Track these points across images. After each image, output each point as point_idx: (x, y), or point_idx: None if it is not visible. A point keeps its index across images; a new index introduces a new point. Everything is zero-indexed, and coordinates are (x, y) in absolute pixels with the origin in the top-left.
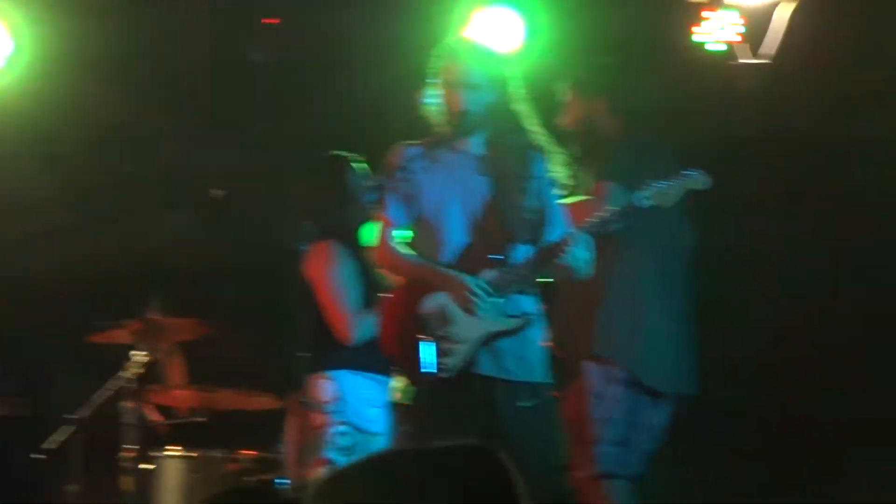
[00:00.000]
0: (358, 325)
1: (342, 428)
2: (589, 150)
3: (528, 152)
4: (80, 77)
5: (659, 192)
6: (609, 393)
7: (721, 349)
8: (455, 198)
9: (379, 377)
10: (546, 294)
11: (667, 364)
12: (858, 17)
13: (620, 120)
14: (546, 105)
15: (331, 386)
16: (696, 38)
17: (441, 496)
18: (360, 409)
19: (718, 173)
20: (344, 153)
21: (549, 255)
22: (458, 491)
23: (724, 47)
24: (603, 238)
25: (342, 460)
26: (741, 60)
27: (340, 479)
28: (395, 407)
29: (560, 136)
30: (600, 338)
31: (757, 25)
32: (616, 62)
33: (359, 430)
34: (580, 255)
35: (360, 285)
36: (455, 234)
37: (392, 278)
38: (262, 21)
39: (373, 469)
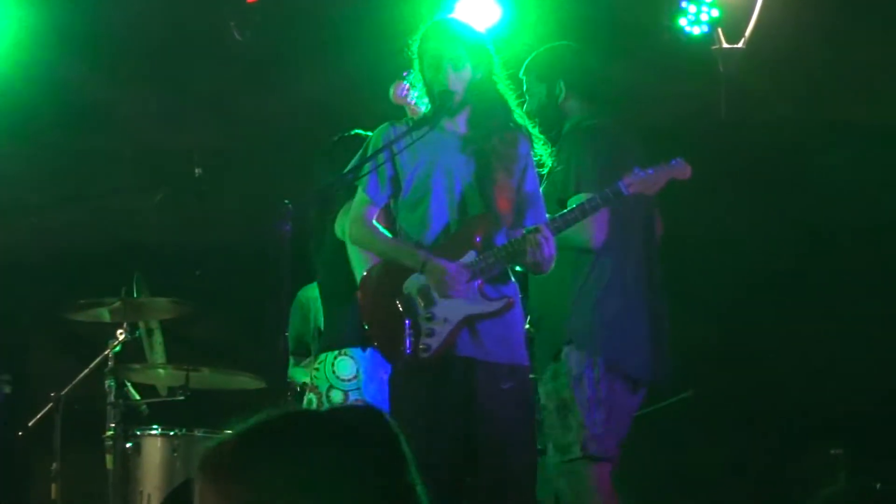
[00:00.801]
0: None
1: None
2: (551, 132)
3: (511, 133)
4: (57, 54)
5: (642, 181)
6: (586, 377)
7: (694, 333)
8: (438, 178)
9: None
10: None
11: (642, 350)
12: (833, 2)
13: (580, 101)
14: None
15: (350, 364)
16: (676, 21)
17: (329, 458)
18: (376, 387)
19: (695, 159)
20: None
21: (523, 246)
22: (346, 452)
23: (703, 31)
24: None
25: None
26: (722, 45)
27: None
28: None
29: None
30: (577, 323)
31: (737, 10)
32: (573, 44)
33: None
34: (545, 254)
35: None
36: (437, 215)
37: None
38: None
39: (260, 433)
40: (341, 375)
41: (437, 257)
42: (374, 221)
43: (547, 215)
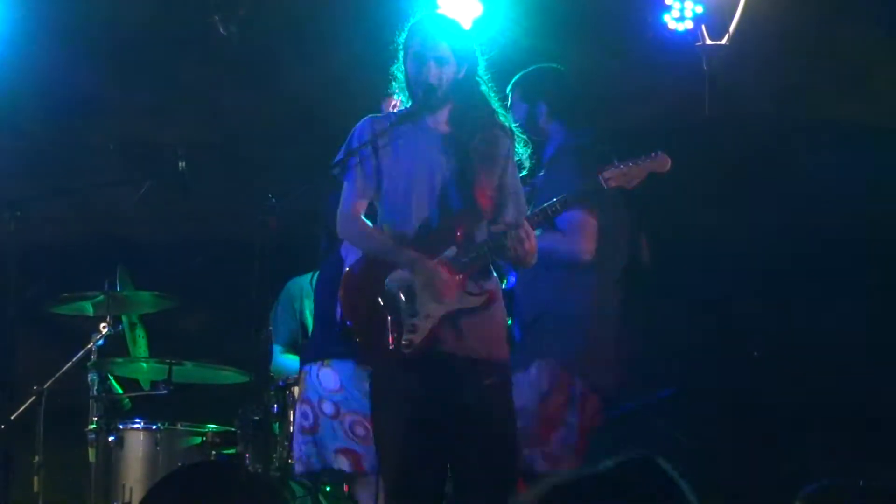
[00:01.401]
0: None
1: (352, 418)
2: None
3: (493, 131)
4: (43, 47)
5: (621, 173)
6: (555, 396)
7: (678, 329)
8: (419, 173)
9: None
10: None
11: (618, 371)
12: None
13: (561, 123)
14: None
15: (333, 375)
16: (660, 17)
17: None
18: (360, 398)
19: (678, 154)
20: None
21: (503, 242)
22: None
23: (687, 28)
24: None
25: (362, 450)
26: (706, 42)
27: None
28: None
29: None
30: (558, 342)
31: (721, 7)
32: (558, 66)
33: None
34: (526, 248)
35: None
36: (419, 210)
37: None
38: None
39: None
40: (327, 387)
41: (426, 259)
42: (362, 216)
43: (527, 210)
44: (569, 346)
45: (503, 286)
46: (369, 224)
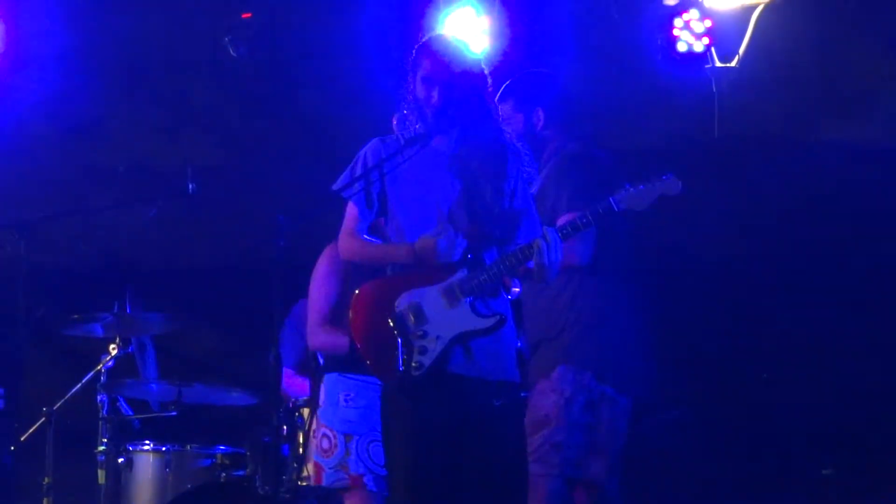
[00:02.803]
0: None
1: (323, 430)
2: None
3: (501, 151)
4: (51, 68)
5: (632, 196)
6: (579, 400)
7: (686, 349)
8: (427, 196)
9: (364, 377)
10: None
11: (643, 370)
12: (827, 22)
13: (559, 128)
14: None
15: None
16: (669, 41)
17: None
18: (331, 410)
19: (688, 175)
20: None
21: (520, 258)
22: None
23: (697, 51)
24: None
25: (323, 462)
26: (714, 64)
27: None
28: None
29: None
30: (578, 346)
31: (730, 29)
32: (548, 71)
33: (333, 430)
34: (552, 258)
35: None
36: (425, 233)
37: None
38: (242, 16)
39: None
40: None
41: (423, 239)
42: (364, 236)
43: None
44: (589, 351)
45: (509, 297)
46: (368, 237)
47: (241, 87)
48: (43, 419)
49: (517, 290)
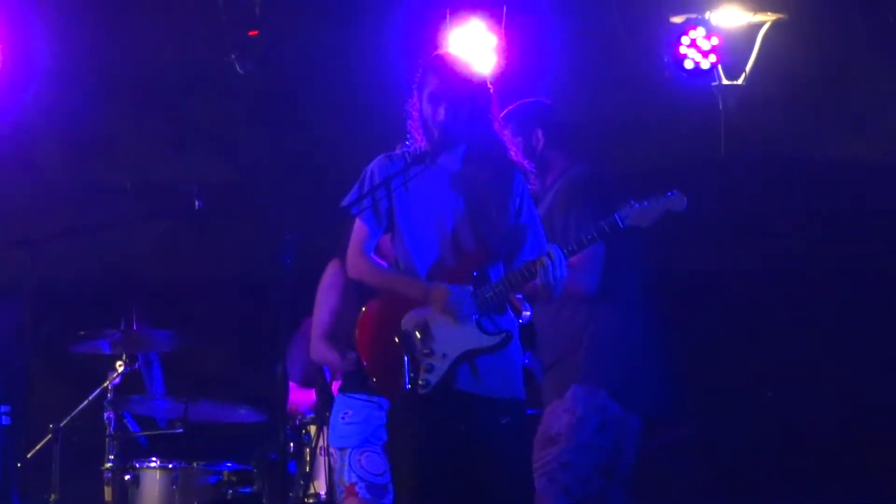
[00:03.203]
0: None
1: (330, 450)
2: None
3: (506, 168)
4: (60, 87)
5: (638, 213)
6: (592, 419)
7: (692, 369)
8: (432, 213)
9: (357, 395)
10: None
11: (650, 388)
12: (833, 39)
13: (559, 151)
14: None
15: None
16: (676, 58)
17: None
18: (333, 430)
19: (694, 193)
20: None
21: (525, 275)
22: None
23: (703, 68)
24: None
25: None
26: (721, 82)
27: None
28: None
29: None
30: (590, 366)
31: (736, 47)
32: (545, 100)
33: (333, 448)
34: (557, 275)
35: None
36: (432, 250)
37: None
38: (248, 34)
39: None
40: None
41: (435, 286)
42: (373, 254)
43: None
44: (604, 370)
45: (519, 321)
46: (379, 260)
47: (247, 105)
48: (50, 436)
49: (528, 313)
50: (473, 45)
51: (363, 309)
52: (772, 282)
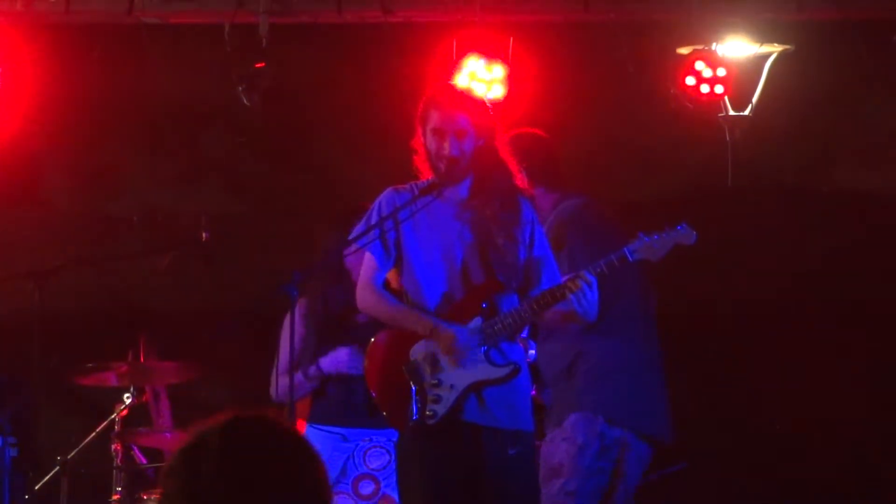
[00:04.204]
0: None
1: None
2: None
3: (514, 198)
4: (67, 119)
5: (647, 246)
6: (592, 446)
7: (696, 400)
8: (441, 245)
9: (321, 426)
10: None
11: (658, 411)
12: (840, 70)
13: (545, 187)
14: None
15: None
16: (683, 89)
17: None
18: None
19: (701, 226)
20: None
21: (552, 299)
22: None
23: (710, 99)
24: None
25: None
26: (728, 113)
27: None
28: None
29: None
30: (584, 390)
31: (743, 78)
32: (535, 132)
33: None
34: (589, 298)
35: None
36: (440, 283)
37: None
38: (255, 66)
39: None
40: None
41: (445, 323)
42: (381, 287)
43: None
44: (600, 395)
45: (526, 359)
46: (387, 294)
47: (255, 137)
48: (57, 468)
49: (533, 352)
50: (480, 76)
51: (372, 340)
52: (780, 313)
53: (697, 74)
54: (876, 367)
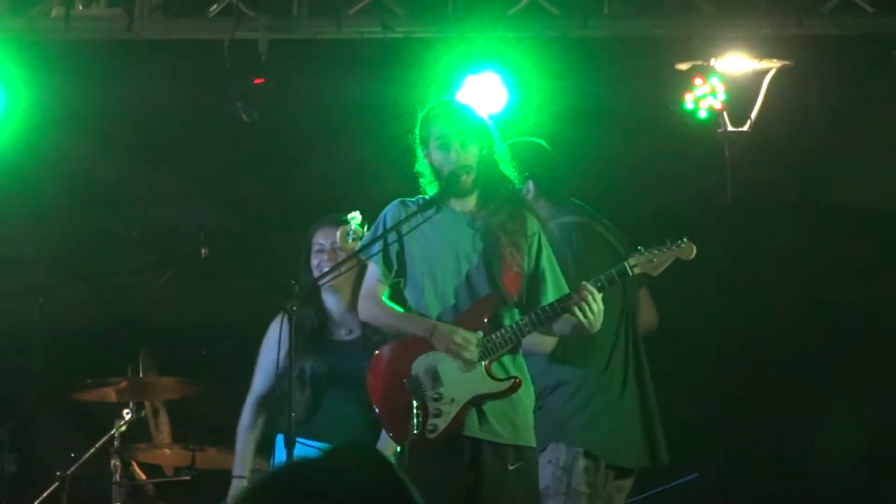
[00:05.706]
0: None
1: None
2: None
3: (519, 210)
4: (65, 135)
5: (647, 260)
6: (570, 470)
7: (696, 415)
8: (445, 258)
9: (315, 443)
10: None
11: (628, 438)
12: (839, 85)
13: (547, 201)
14: None
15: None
16: (682, 105)
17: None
18: None
19: (700, 243)
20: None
21: (553, 313)
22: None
23: (709, 115)
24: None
25: None
26: (727, 129)
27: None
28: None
29: None
30: (559, 421)
31: (742, 94)
32: (541, 142)
33: None
34: (593, 309)
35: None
36: (444, 296)
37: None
38: (254, 81)
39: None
40: None
41: (443, 323)
42: (384, 298)
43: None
44: (580, 431)
45: None
46: (388, 303)
47: (254, 152)
48: (56, 483)
49: None
50: (480, 91)
51: (375, 352)
52: (779, 328)
53: (696, 90)
54: (881, 372)
